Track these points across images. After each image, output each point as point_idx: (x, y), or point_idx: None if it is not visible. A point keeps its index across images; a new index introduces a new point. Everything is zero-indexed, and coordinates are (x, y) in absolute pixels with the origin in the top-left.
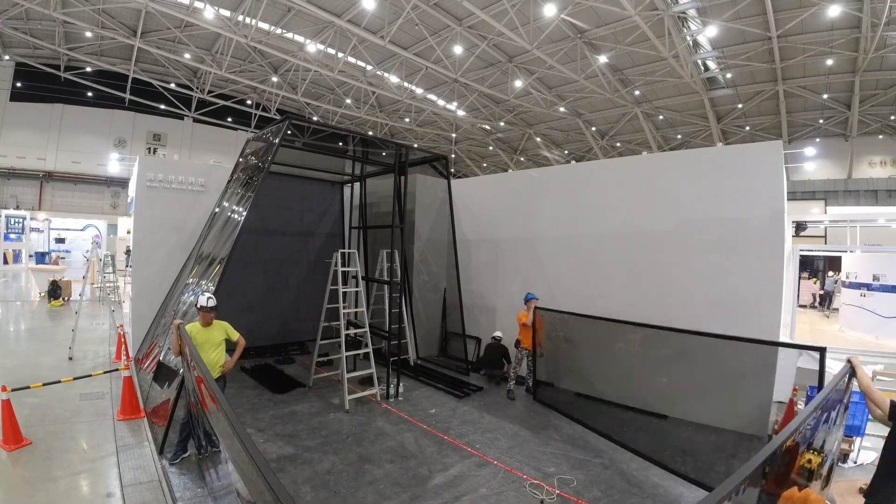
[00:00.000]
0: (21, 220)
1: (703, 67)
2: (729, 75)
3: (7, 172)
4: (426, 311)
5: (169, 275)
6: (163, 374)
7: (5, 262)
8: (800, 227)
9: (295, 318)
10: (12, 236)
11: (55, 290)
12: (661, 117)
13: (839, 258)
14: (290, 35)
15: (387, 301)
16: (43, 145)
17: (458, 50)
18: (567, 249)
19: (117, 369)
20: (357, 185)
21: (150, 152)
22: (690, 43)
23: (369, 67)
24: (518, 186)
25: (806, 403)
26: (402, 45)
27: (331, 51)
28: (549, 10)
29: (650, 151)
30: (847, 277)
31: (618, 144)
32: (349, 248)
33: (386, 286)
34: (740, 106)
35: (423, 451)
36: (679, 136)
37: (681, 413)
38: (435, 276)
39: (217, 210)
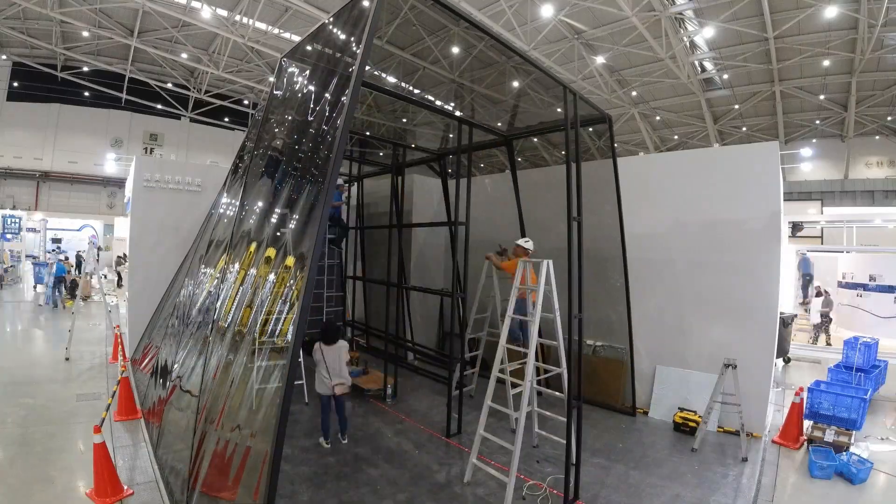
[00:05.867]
0: (18, 220)
1: (700, 68)
2: (726, 76)
3: (4, 172)
4: (423, 313)
5: (165, 275)
6: None
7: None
8: (796, 227)
9: None
10: (9, 236)
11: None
12: (658, 118)
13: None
14: (287, 35)
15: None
16: (40, 145)
17: (455, 50)
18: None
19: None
20: (353, 185)
21: (146, 152)
22: (687, 44)
23: (367, 67)
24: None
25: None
26: (400, 45)
27: (328, 51)
28: (547, 11)
29: (647, 152)
30: (843, 278)
31: (615, 145)
32: (344, 249)
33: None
34: (737, 107)
35: (420, 450)
36: (676, 137)
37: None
38: (433, 278)
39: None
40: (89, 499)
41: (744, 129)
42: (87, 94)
